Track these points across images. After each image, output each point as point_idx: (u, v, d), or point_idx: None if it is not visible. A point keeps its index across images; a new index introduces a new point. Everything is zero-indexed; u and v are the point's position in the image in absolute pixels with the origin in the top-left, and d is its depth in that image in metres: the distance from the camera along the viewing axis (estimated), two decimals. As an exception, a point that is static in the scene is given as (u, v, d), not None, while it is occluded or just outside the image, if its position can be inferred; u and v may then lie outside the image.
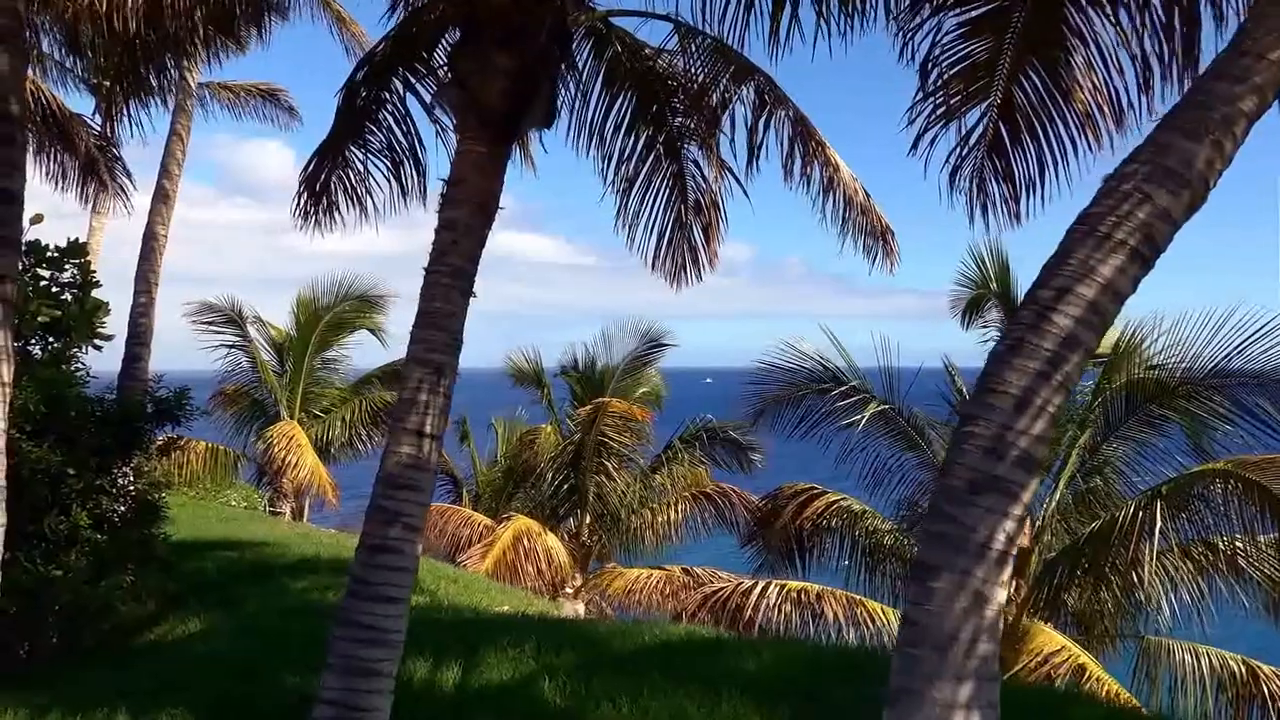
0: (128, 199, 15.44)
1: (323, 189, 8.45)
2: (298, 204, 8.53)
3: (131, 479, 9.83)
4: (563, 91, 7.69)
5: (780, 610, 12.09)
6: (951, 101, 7.25)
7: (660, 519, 18.08)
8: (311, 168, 8.38)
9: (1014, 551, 3.37)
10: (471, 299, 5.88)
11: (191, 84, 14.87)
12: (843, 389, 13.46)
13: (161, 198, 14.19)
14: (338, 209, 8.55)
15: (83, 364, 9.78)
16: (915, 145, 7.38)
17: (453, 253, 5.78)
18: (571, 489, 18.04)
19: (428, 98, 8.09)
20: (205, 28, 10.18)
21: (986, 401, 3.35)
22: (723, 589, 12.89)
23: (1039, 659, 10.29)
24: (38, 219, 10.39)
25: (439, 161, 8.48)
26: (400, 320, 22.91)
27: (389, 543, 5.33)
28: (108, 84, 19.71)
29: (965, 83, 7.19)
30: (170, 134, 14.55)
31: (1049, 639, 10.52)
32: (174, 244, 15.25)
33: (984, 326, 14.00)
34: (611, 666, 6.92)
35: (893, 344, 13.67)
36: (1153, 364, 12.59)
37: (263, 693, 6.87)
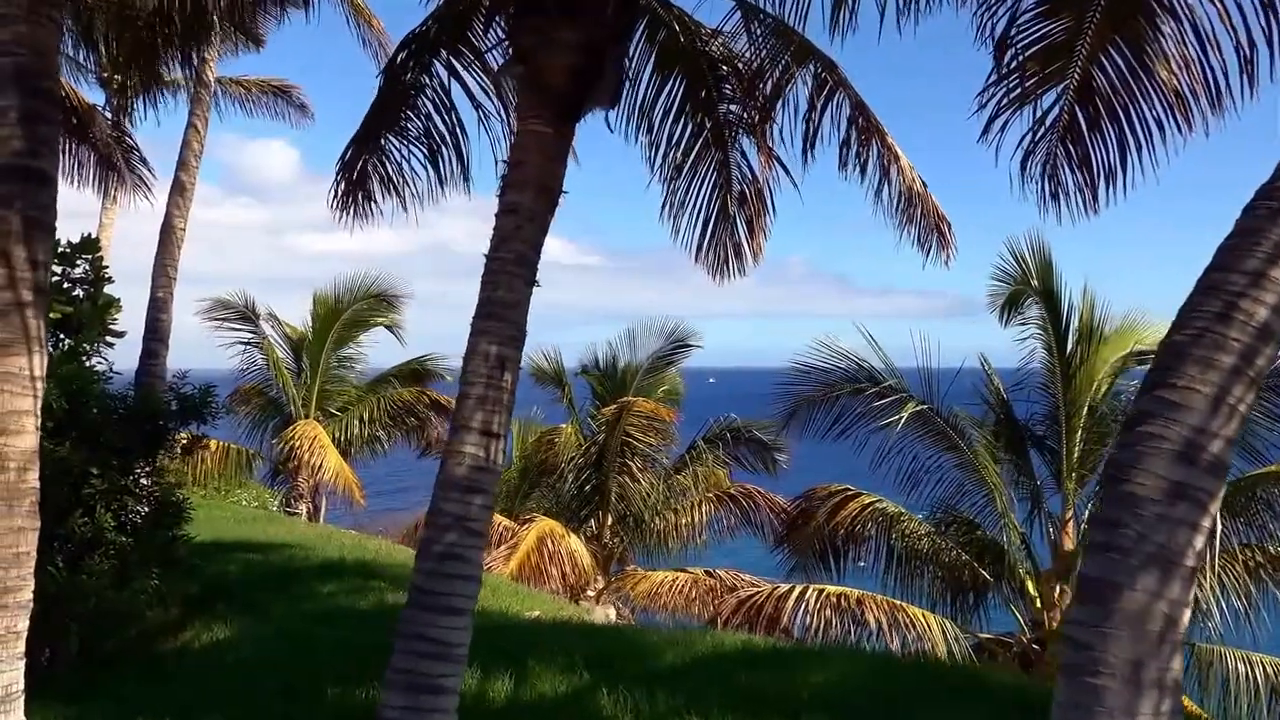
0: (149, 190, 15.12)
1: (360, 178, 8.13)
2: (335, 194, 8.21)
3: (151, 479, 9.47)
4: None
5: (820, 616, 11.69)
6: (1026, 84, 6.91)
7: (684, 520, 17.70)
8: (349, 155, 8.05)
9: (1199, 567, 2.99)
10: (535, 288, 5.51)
11: (209, 76, 14.50)
12: (879, 388, 13.10)
13: (179, 189, 13.84)
14: (373, 199, 8.24)
15: (104, 359, 9.41)
16: (986, 130, 7.05)
17: (515, 239, 5.42)
18: (594, 490, 17.68)
19: (471, 81, 7.77)
20: (223, 22, 9.80)
21: (1169, 399, 2.97)
22: (758, 594, 12.52)
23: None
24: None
25: (481, 149, 8.14)
26: (411, 319, 22.57)
27: (453, 550, 4.96)
28: (119, 77, 19.44)
29: (1041, 64, 6.85)
30: (187, 125, 14.21)
31: (1105, 647, 10.10)
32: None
33: (1023, 324, 13.64)
34: (671, 679, 6.54)
35: (894, 343, 13.37)
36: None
37: (303, 709, 6.50)
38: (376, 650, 7.63)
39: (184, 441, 9.79)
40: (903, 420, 12.69)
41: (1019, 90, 6.98)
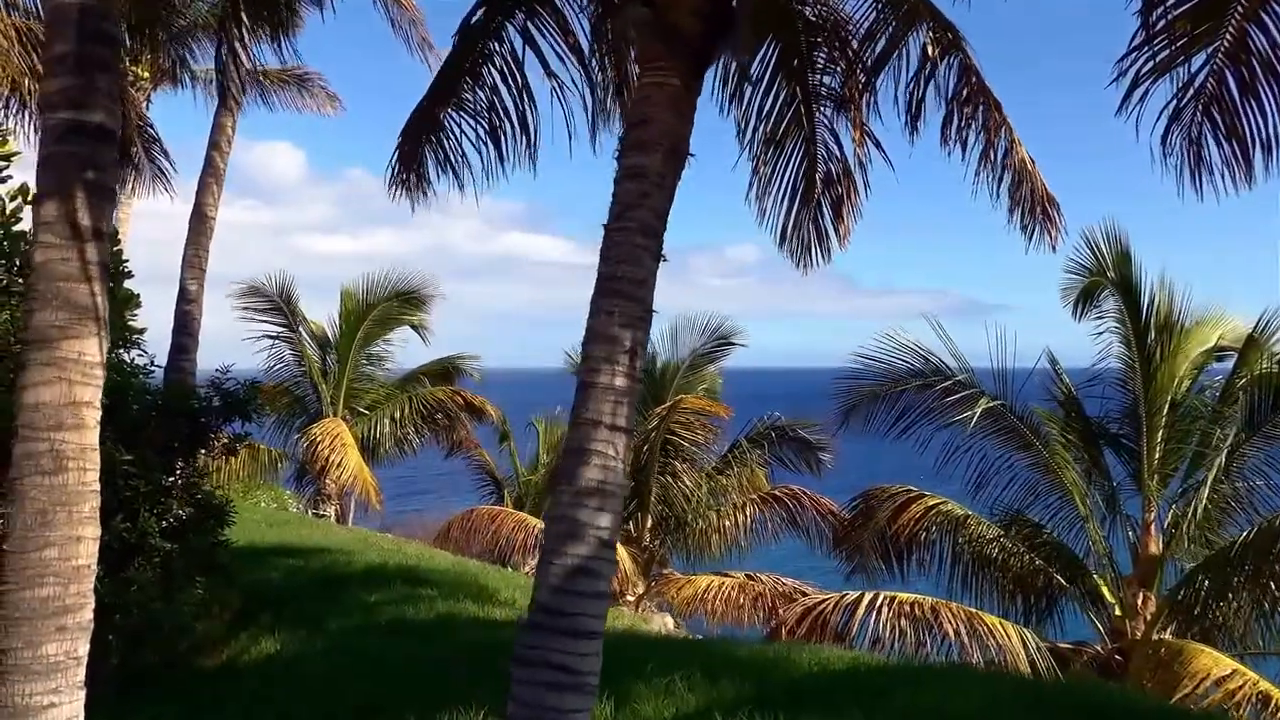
0: (169, 182, 14.48)
1: (419, 153, 7.50)
2: (392, 171, 7.59)
3: (191, 479, 8.82)
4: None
5: (894, 626, 11.00)
6: (1175, 46, 6.25)
7: (728, 522, 17.04)
8: (410, 127, 7.42)
9: None
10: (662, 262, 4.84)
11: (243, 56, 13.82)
12: (947, 384, 12.42)
13: (211, 174, 13.14)
14: (426, 180, 7.61)
15: (144, 352, 8.77)
16: (1126, 99, 6.39)
17: (642, 206, 4.75)
18: (633, 491, 17.00)
19: (548, 48, 7.13)
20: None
21: None
22: (824, 601, 11.81)
23: (1204, 684, 9.19)
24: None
25: (555, 122, 7.50)
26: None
27: (584, 563, 4.28)
28: (135, 69, 18.82)
29: (1191, 24, 6.19)
30: (219, 106, 13.51)
31: (1213, 661, 9.43)
32: (180, 246, 14.13)
33: (1099, 317, 12.98)
34: (789, 701, 5.86)
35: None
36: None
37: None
38: (450, 666, 7.01)
39: (226, 441, 9.12)
40: (975, 417, 12.03)
41: (1166, 53, 6.31)
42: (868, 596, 11.58)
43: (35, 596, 4.32)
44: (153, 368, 8.87)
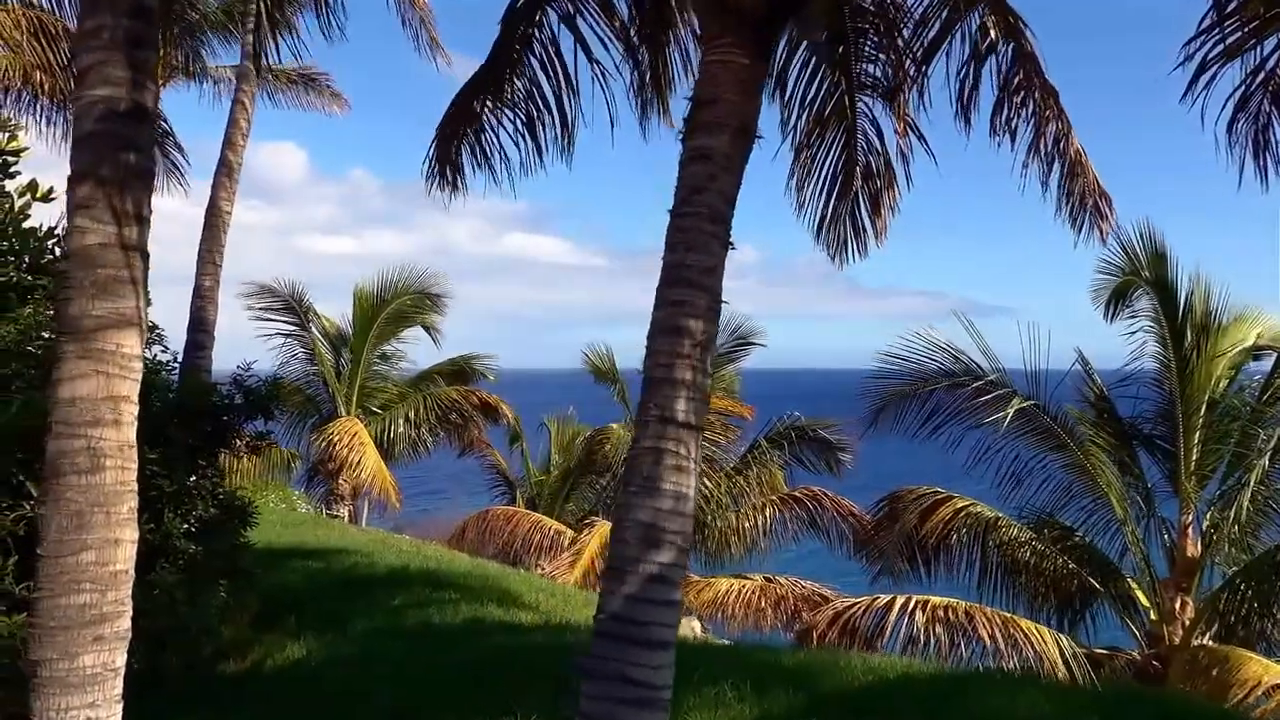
0: (183, 176, 14.24)
1: (457, 146, 7.27)
2: (429, 166, 7.35)
3: (213, 479, 8.57)
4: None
5: (929, 630, 10.73)
6: (1246, 29, 6.00)
7: (747, 524, 16.76)
8: (449, 117, 7.18)
9: None
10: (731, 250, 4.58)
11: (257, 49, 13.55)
12: (979, 383, 12.15)
13: (225, 170, 12.88)
14: (461, 172, 7.37)
15: (165, 347, 8.52)
16: (1193, 84, 6.13)
17: (710, 190, 4.51)
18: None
19: (589, 31, 6.89)
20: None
21: None
22: (855, 606, 11.55)
23: (1255, 693, 8.94)
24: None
25: (597, 112, 7.26)
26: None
27: (659, 570, 4.02)
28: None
29: (1264, 6, 5.94)
30: (234, 102, 13.26)
31: (1263, 668, 9.18)
32: (186, 246, 13.92)
33: (1132, 318, 12.71)
34: (848, 711, 5.61)
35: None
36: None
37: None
38: (482, 671, 6.76)
39: (249, 439, 8.88)
40: (1009, 417, 11.76)
41: (1237, 36, 6.05)
42: (899, 600, 11.33)
43: (71, 604, 4.06)
44: (174, 364, 8.61)
